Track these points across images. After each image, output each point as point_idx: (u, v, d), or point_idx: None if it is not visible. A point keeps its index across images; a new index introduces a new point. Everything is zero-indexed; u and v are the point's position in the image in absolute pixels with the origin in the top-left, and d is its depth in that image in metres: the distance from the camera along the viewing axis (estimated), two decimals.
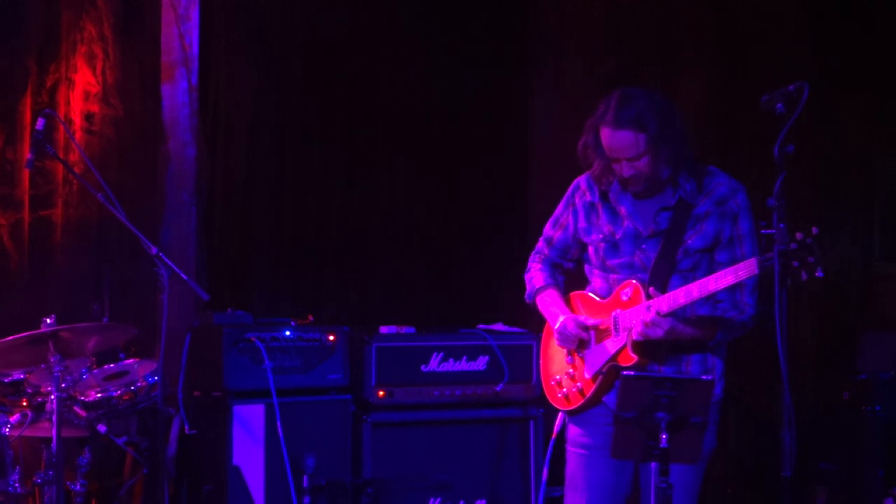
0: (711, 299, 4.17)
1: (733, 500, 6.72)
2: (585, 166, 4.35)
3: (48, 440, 5.06)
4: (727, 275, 3.91)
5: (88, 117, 6.54)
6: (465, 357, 5.92)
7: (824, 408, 6.47)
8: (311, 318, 5.90)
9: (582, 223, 4.38)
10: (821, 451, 6.36)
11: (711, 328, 4.19)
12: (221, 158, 6.91)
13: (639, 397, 3.79)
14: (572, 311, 4.40)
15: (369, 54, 7.28)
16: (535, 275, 4.57)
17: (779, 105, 3.75)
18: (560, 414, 4.45)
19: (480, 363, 5.91)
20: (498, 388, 5.90)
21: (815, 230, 3.64)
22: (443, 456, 5.85)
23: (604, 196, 4.31)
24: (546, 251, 4.55)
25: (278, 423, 5.46)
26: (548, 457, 4.78)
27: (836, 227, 6.79)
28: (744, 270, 3.85)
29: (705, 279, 3.98)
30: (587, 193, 4.36)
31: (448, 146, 7.46)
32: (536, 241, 4.31)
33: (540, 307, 4.52)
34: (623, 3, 7.36)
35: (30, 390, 5.42)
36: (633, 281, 4.17)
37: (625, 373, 3.86)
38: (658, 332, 4.04)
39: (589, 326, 4.26)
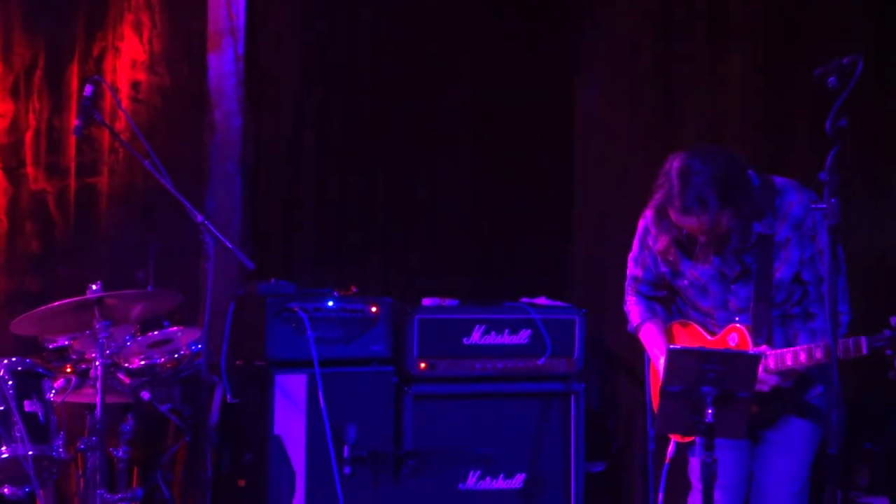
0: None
1: None
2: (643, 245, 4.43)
3: (92, 406, 5.10)
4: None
5: (135, 86, 6.55)
6: (507, 330, 5.89)
7: (870, 388, 6.40)
8: (354, 289, 5.89)
9: (662, 268, 4.39)
10: (866, 431, 6.30)
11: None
12: (267, 129, 6.90)
13: (685, 372, 3.77)
14: (674, 342, 4.40)
15: (416, 31, 7.23)
16: (632, 308, 4.58)
17: (831, 79, 3.69)
18: (673, 441, 4.43)
19: (523, 336, 5.88)
20: (540, 363, 5.86)
21: None
22: (483, 429, 5.83)
23: (677, 242, 4.28)
24: (635, 286, 4.56)
25: (320, 394, 5.46)
26: (662, 482, 4.65)
27: (885, 201, 6.70)
28: (853, 349, 3.90)
29: (812, 347, 4.00)
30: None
31: (494, 122, 7.41)
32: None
33: (643, 342, 4.54)
34: None
35: (74, 356, 5.46)
36: (739, 326, 4.18)
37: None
38: (764, 388, 4.06)
39: None
